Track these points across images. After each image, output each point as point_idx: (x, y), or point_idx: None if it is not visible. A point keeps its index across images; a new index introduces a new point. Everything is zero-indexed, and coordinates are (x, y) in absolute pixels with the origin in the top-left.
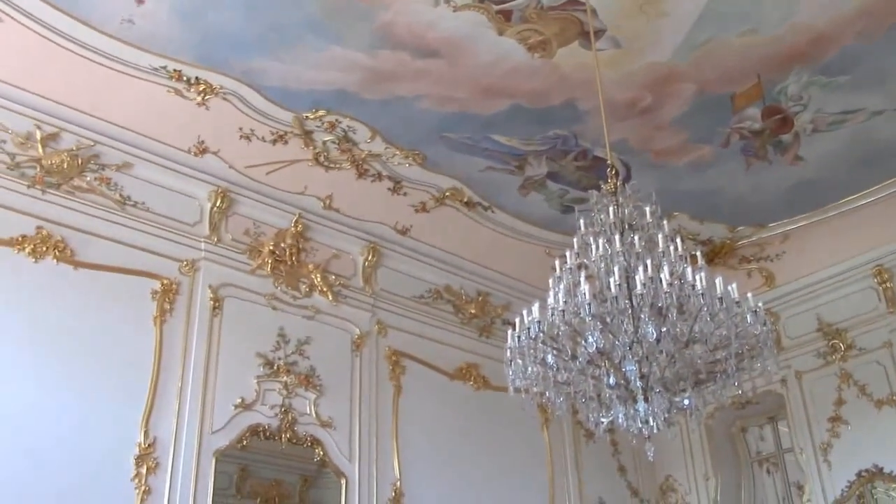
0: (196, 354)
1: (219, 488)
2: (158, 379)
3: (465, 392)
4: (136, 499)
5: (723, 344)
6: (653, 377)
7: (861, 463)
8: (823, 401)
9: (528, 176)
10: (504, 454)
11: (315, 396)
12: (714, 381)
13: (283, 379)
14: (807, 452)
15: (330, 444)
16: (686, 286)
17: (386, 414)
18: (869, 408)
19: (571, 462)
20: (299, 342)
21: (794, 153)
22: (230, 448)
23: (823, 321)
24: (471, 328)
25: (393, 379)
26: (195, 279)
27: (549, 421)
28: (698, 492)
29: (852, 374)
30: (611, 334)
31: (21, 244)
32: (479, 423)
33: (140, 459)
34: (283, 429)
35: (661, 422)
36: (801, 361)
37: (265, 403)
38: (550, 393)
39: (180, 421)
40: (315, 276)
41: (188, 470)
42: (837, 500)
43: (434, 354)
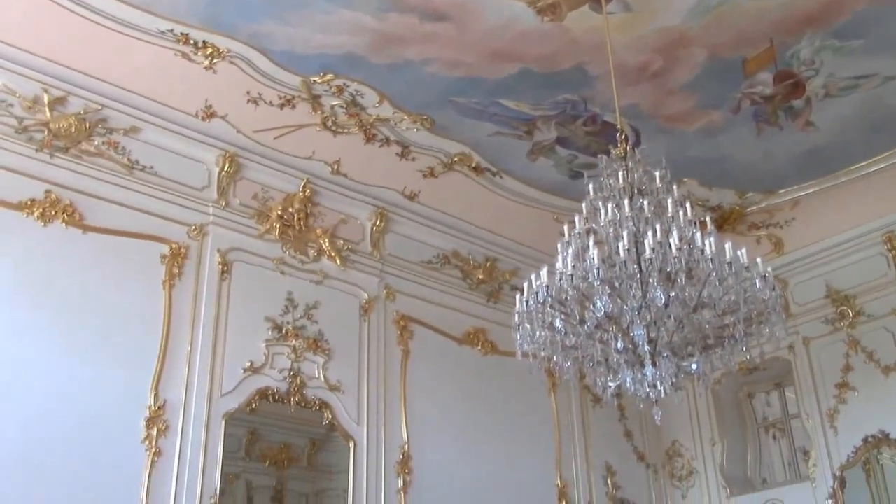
0: (205, 318)
1: (228, 451)
2: (168, 342)
3: (472, 357)
4: (147, 461)
5: (731, 309)
6: (661, 342)
7: (867, 429)
8: (831, 367)
9: (536, 141)
10: (511, 418)
11: (323, 360)
12: (722, 347)
13: (292, 343)
14: (813, 418)
15: (338, 407)
16: (695, 251)
17: (394, 378)
18: (876, 374)
19: (578, 427)
20: (308, 307)
21: (806, 119)
22: (239, 411)
23: (832, 288)
24: (478, 293)
25: (401, 343)
26: (203, 243)
27: (556, 386)
28: (704, 457)
29: (860, 341)
30: (619, 299)
31: (30, 208)
32: (487, 388)
33: (150, 422)
34: (292, 392)
35: (668, 386)
36: (808, 328)
37: (274, 367)
38: (558, 357)
39: (190, 384)
40: (323, 240)
41: (198, 432)
42: (843, 465)
43: (442, 319)
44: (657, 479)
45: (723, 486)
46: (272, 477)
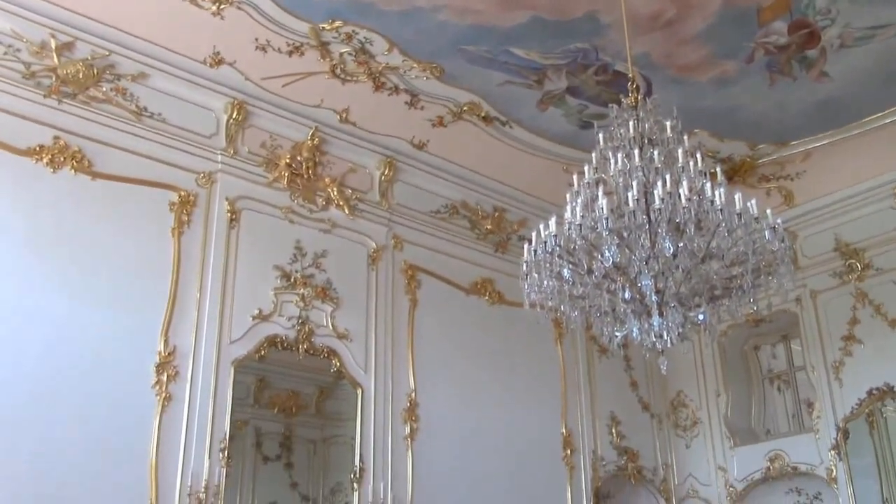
0: (214, 266)
1: (237, 398)
2: (177, 289)
3: (480, 306)
4: (157, 405)
5: (739, 260)
6: (668, 292)
7: (872, 381)
8: (837, 320)
9: (547, 90)
10: (518, 368)
11: (332, 309)
12: (729, 298)
13: (300, 291)
14: (818, 370)
15: (346, 355)
16: (705, 202)
17: (401, 327)
18: (883, 327)
19: (584, 377)
20: (316, 255)
21: (820, 69)
22: (248, 358)
23: (841, 241)
24: (486, 244)
25: (409, 293)
26: (212, 191)
27: (562, 336)
28: (709, 407)
29: (868, 294)
30: (627, 249)
31: (39, 154)
32: (494, 338)
33: (160, 368)
34: (300, 340)
35: (674, 336)
36: (816, 281)
37: (282, 315)
38: (565, 307)
39: (199, 331)
40: (331, 189)
41: (207, 378)
42: (847, 417)
43: (449, 269)
44: (661, 429)
45: (726, 436)
46: (280, 424)
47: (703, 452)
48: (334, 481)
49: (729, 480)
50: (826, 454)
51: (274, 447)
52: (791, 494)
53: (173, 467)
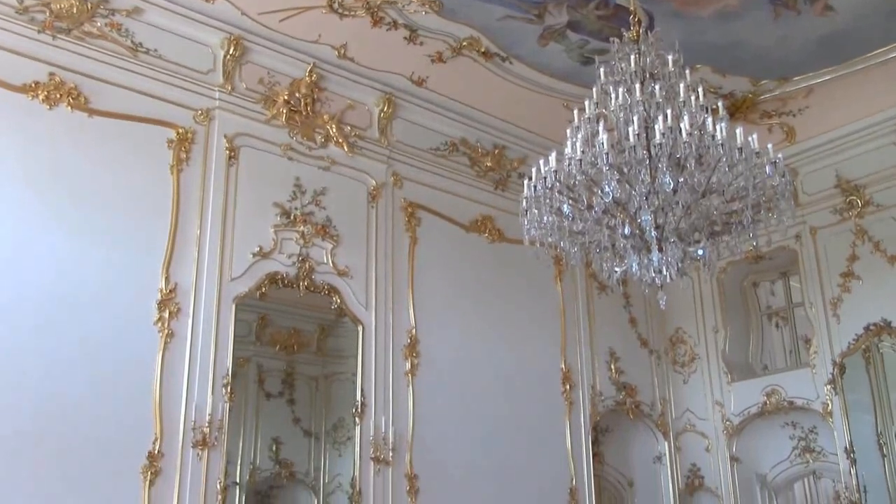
0: (213, 203)
1: (239, 335)
2: (177, 227)
3: (479, 244)
4: (160, 342)
5: (740, 195)
6: (668, 227)
7: (870, 317)
8: (836, 256)
9: (547, 25)
10: (517, 305)
11: (332, 246)
12: (729, 233)
13: (300, 229)
14: (816, 307)
15: (347, 292)
16: (706, 136)
17: (402, 264)
18: (882, 263)
19: (583, 313)
20: (315, 192)
21: (824, 3)
22: (249, 295)
23: (842, 177)
24: (486, 181)
25: (409, 230)
26: (210, 128)
27: (562, 273)
28: (707, 343)
29: (867, 230)
30: (627, 184)
31: (34, 91)
32: (494, 275)
33: (162, 304)
34: (301, 277)
35: (674, 272)
36: (816, 217)
37: (283, 252)
38: (565, 243)
39: (200, 268)
40: (330, 126)
41: (209, 315)
42: (844, 352)
43: (449, 206)
44: (660, 365)
45: (724, 371)
46: (282, 361)
47: (701, 388)
48: (336, 417)
49: (725, 415)
50: (822, 389)
51: (276, 384)
52: (786, 428)
53: (177, 402)
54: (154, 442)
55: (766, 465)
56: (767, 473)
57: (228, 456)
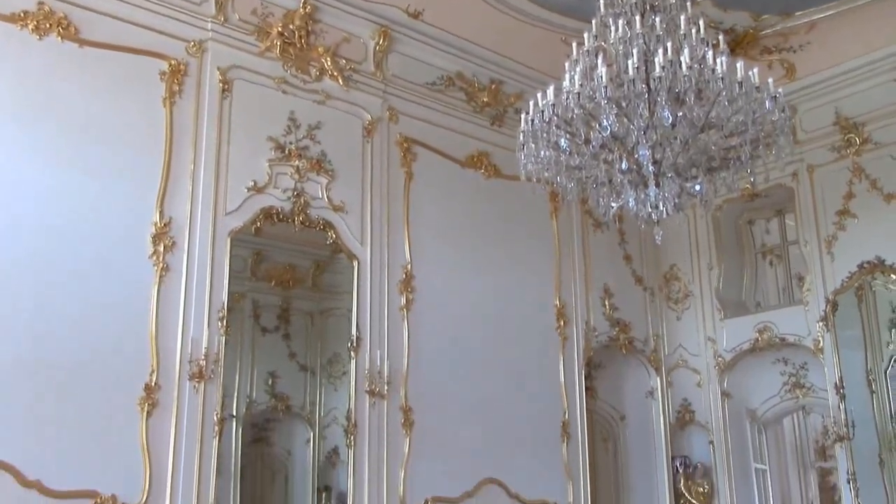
0: (207, 137)
1: (234, 271)
2: (171, 160)
3: (475, 180)
4: (155, 276)
5: (739, 130)
6: (665, 163)
7: (863, 255)
8: (833, 194)
9: None
10: (512, 241)
11: (327, 181)
12: (727, 169)
13: (295, 163)
14: (811, 244)
15: (342, 227)
16: (706, 70)
17: (397, 199)
18: (878, 201)
19: (578, 250)
20: (310, 127)
21: None
22: (244, 230)
23: (841, 115)
24: (483, 116)
25: (404, 165)
26: (203, 60)
27: (558, 210)
28: (701, 281)
29: (865, 168)
30: (626, 118)
31: (23, 20)
32: (489, 211)
33: (157, 238)
34: (296, 212)
35: (670, 207)
36: (814, 155)
37: (277, 187)
38: (561, 178)
39: (194, 202)
40: (325, 59)
41: (204, 249)
42: (836, 290)
43: (445, 142)
44: (653, 302)
45: (717, 308)
46: (278, 296)
47: (694, 324)
48: (332, 352)
49: (717, 351)
50: (814, 326)
51: (272, 319)
52: (777, 364)
53: (173, 335)
54: (151, 374)
55: (757, 400)
56: (757, 408)
57: (225, 389)
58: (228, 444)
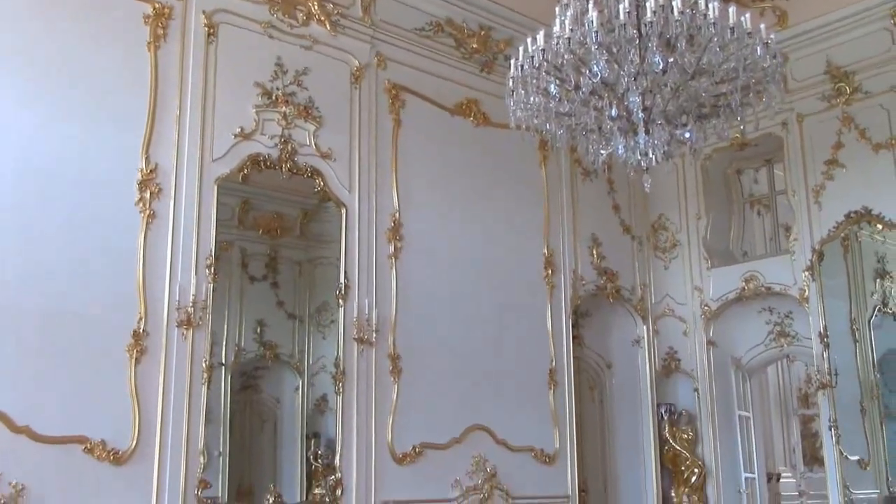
0: (192, 82)
1: (222, 219)
2: (156, 106)
3: (464, 128)
4: (142, 222)
5: (729, 77)
6: (655, 109)
7: (851, 205)
8: (822, 144)
9: None
10: (501, 190)
11: (314, 128)
12: (717, 116)
13: (282, 109)
14: (799, 194)
15: (330, 174)
16: (698, 16)
17: (385, 147)
18: (866, 151)
19: (567, 199)
20: (297, 73)
21: None
22: (231, 177)
23: (832, 63)
24: (472, 63)
25: (392, 112)
26: (188, 4)
27: (547, 158)
28: (689, 230)
29: (854, 118)
30: (616, 64)
31: None
32: (478, 159)
33: (143, 185)
34: (283, 159)
35: (660, 154)
36: (804, 104)
37: (264, 133)
38: (551, 125)
39: (180, 148)
40: (312, 4)
41: (191, 196)
42: (823, 239)
43: (434, 89)
44: (641, 251)
45: (704, 257)
46: (266, 245)
47: (681, 273)
48: (320, 300)
49: (704, 300)
50: (800, 275)
51: (260, 268)
52: (763, 313)
53: (160, 282)
54: (139, 321)
55: (742, 348)
56: (742, 357)
57: (213, 337)
58: (217, 391)
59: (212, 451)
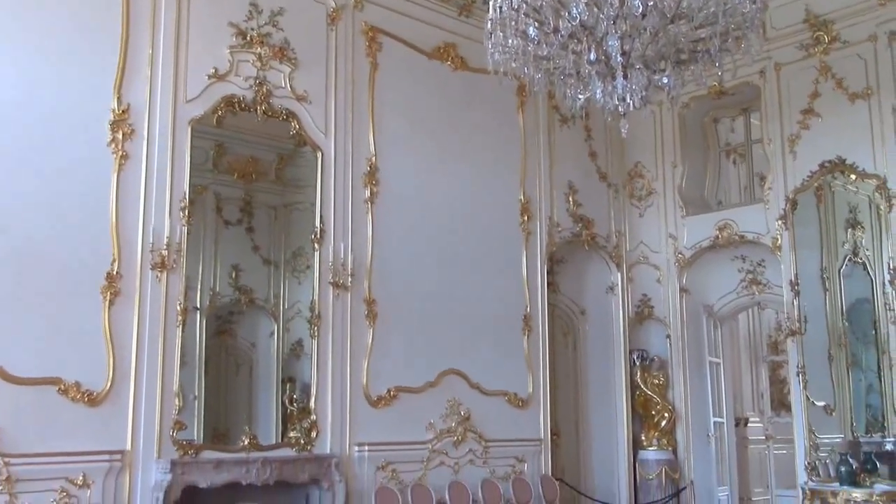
0: (165, 21)
1: (196, 162)
2: (128, 44)
3: (442, 72)
4: (114, 163)
5: (709, 21)
6: (634, 54)
7: (825, 154)
8: (799, 93)
9: None
10: (479, 135)
11: (290, 70)
12: (695, 62)
13: (257, 51)
14: (775, 143)
15: (305, 117)
16: None
17: (362, 90)
18: (842, 101)
19: (544, 145)
20: (273, 13)
21: None
22: (205, 119)
23: (811, 12)
24: (450, 6)
25: (369, 55)
26: None
27: (524, 104)
28: (664, 178)
29: (832, 67)
30: (595, 7)
31: None
32: (456, 104)
33: (115, 125)
34: (258, 101)
35: (637, 100)
36: (782, 53)
37: (239, 75)
38: (529, 68)
39: (153, 88)
40: None
41: (164, 137)
42: (797, 189)
43: (411, 32)
44: (617, 198)
45: (679, 206)
46: (240, 189)
47: (656, 221)
48: (296, 245)
49: (678, 248)
50: (773, 224)
51: (234, 212)
52: (736, 261)
53: (134, 225)
54: (112, 263)
55: (714, 296)
56: (714, 304)
57: (188, 281)
58: (192, 335)
59: (187, 395)
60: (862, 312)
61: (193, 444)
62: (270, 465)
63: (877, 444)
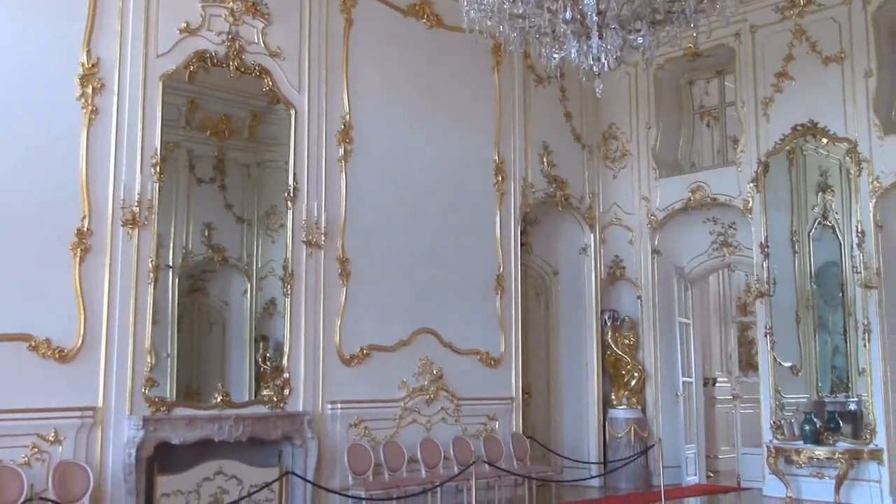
0: None
1: (168, 119)
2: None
3: (417, 29)
4: (84, 118)
5: None
6: (610, 14)
7: (798, 118)
8: (773, 56)
9: None
10: (454, 94)
11: (263, 25)
12: (671, 23)
13: (229, 5)
14: (748, 106)
15: (278, 74)
16: None
17: (336, 47)
18: (816, 64)
19: (519, 106)
20: None
21: None
22: (177, 75)
23: None
24: None
25: (344, 11)
26: None
27: (500, 64)
28: (639, 140)
29: (806, 31)
30: None
31: None
32: (431, 63)
33: (84, 80)
34: (231, 57)
35: (612, 60)
36: (757, 16)
37: (211, 29)
38: (505, 27)
39: (123, 42)
40: None
41: (135, 92)
42: (769, 152)
43: None
44: (591, 160)
45: (653, 167)
46: (213, 147)
47: (629, 183)
48: (269, 204)
49: (651, 209)
50: (745, 187)
51: (207, 170)
52: (707, 223)
53: (104, 181)
54: (83, 219)
55: (685, 258)
56: (685, 266)
57: (160, 240)
58: (165, 293)
59: (160, 352)
60: (830, 275)
61: (166, 402)
62: (243, 422)
63: (841, 404)
